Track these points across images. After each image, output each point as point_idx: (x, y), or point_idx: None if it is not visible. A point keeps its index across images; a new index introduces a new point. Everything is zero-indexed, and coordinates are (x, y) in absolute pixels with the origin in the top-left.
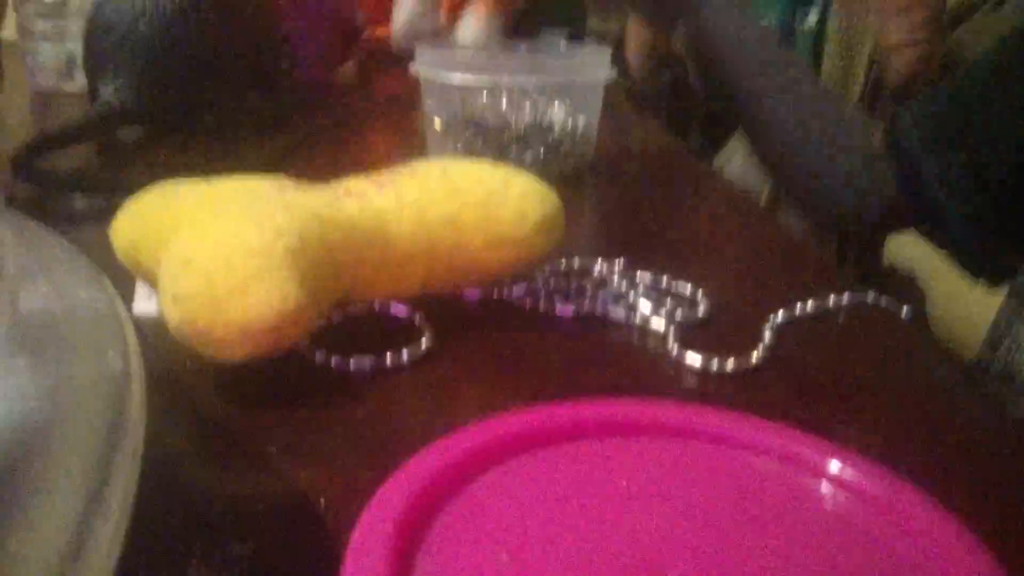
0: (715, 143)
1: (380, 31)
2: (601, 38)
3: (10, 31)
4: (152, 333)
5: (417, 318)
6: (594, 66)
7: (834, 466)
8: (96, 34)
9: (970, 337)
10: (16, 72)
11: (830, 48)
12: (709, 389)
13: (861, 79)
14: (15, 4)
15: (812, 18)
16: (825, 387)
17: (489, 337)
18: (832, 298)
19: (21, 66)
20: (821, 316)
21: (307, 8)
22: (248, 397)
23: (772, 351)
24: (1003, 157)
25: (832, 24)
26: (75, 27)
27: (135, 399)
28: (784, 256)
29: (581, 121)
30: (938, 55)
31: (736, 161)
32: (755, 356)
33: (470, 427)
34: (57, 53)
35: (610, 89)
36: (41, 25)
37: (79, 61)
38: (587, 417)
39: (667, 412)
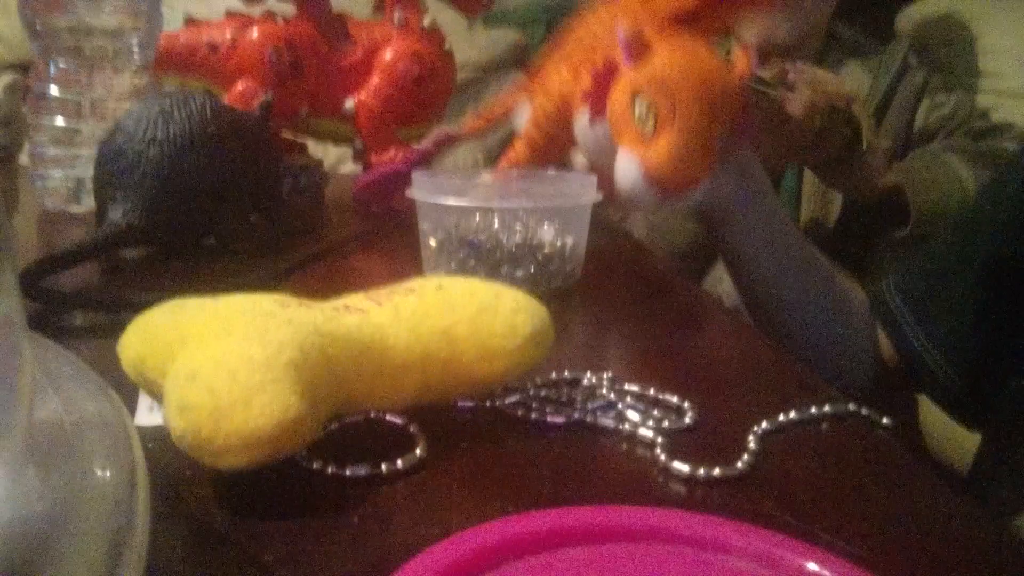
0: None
1: (377, 159)
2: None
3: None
4: (154, 444)
5: (412, 427)
6: (582, 190)
7: (814, 568)
8: (107, 159)
9: (966, 442)
10: (25, 195)
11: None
12: (696, 496)
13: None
14: (28, 132)
15: (789, 179)
16: (809, 494)
17: (482, 445)
18: (814, 408)
19: (31, 190)
20: (804, 425)
21: None
22: (246, 505)
23: (757, 459)
24: (976, 321)
25: (807, 183)
26: (85, 154)
27: (140, 508)
28: (768, 367)
29: (569, 241)
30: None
31: (727, 281)
32: (740, 463)
33: (461, 535)
34: (66, 178)
35: (598, 211)
36: (52, 152)
37: (87, 185)
38: (576, 523)
39: (654, 518)
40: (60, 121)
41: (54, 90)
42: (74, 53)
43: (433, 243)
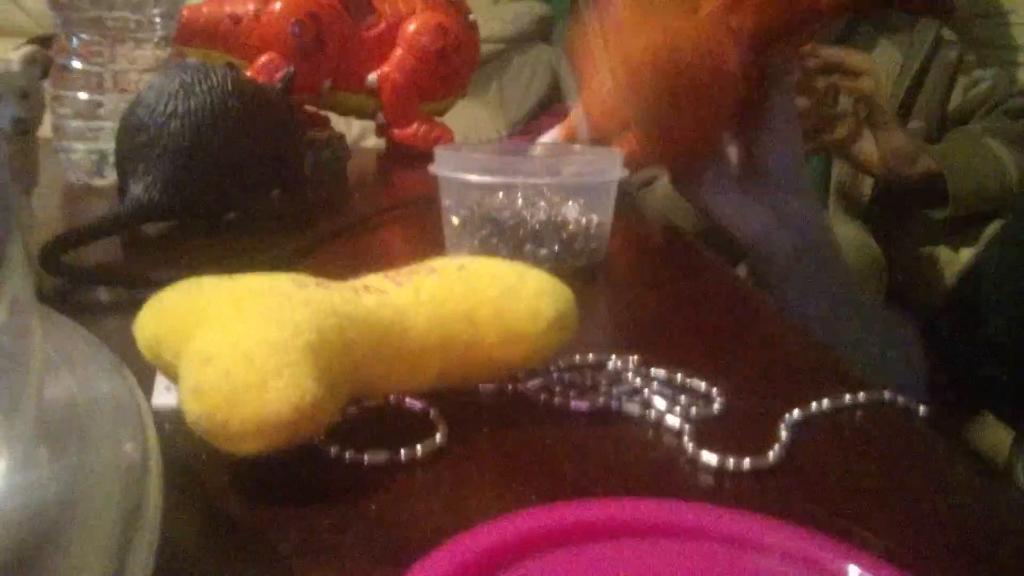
0: None
1: (400, 133)
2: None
3: (45, 129)
4: (170, 425)
5: (432, 412)
6: (607, 166)
7: (853, 572)
8: (128, 133)
9: (1004, 432)
10: (49, 168)
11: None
12: (725, 488)
13: (868, 192)
14: (51, 105)
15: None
16: (843, 487)
17: (503, 432)
18: (848, 396)
19: (54, 163)
20: (837, 414)
21: None
22: (262, 491)
23: (788, 450)
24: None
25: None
26: (107, 127)
27: (152, 491)
28: (799, 354)
29: (594, 219)
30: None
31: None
32: (771, 454)
33: (482, 527)
34: (89, 151)
35: (623, 188)
36: (75, 125)
37: (110, 158)
38: (601, 517)
39: (682, 512)
40: (83, 94)
41: (76, 63)
42: (96, 25)
43: (455, 220)
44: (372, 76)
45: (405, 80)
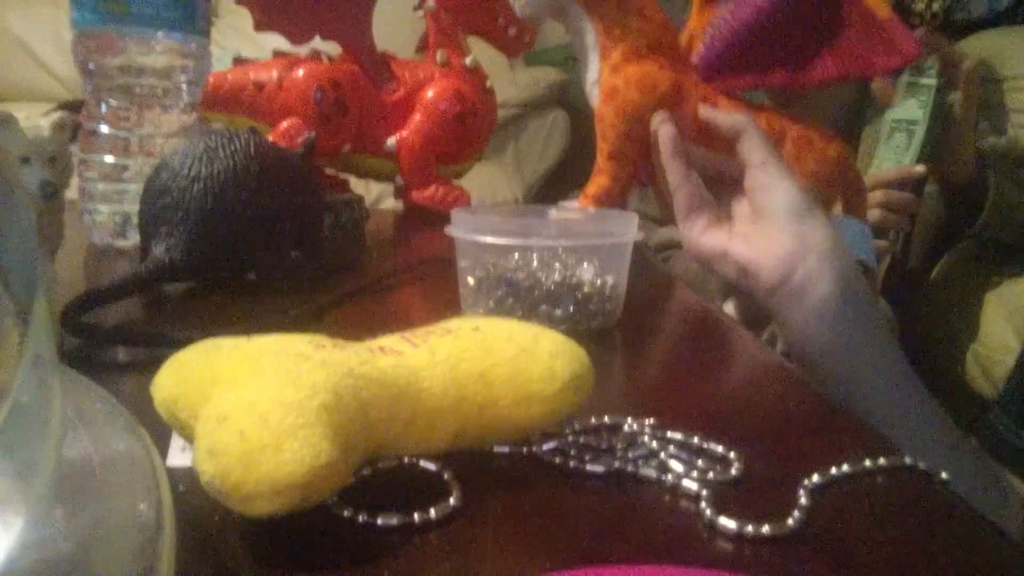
0: None
1: (418, 196)
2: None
3: (71, 190)
4: (184, 486)
5: (446, 474)
6: (622, 228)
7: None
8: (152, 196)
9: None
10: (74, 229)
11: None
12: (744, 554)
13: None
14: (78, 168)
15: None
16: (865, 554)
17: (518, 495)
18: (868, 460)
19: (79, 224)
20: (858, 479)
21: None
22: (275, 554)
23: (808, 515)
24: None
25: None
26: (132, 189)
27: (165, 551)
28: (818, 416)
29: (610, 280)
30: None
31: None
32: (791, 520)
33: None
34: (113, 213)
35: (639, 250)
36: (101, 187)
37: (134, 220)
38: None
39: None
40: (109, 158)
41: (104, 128)
42: (124, 92)
43: (471, 281)
44: (391, 140)
45: (423, 144)
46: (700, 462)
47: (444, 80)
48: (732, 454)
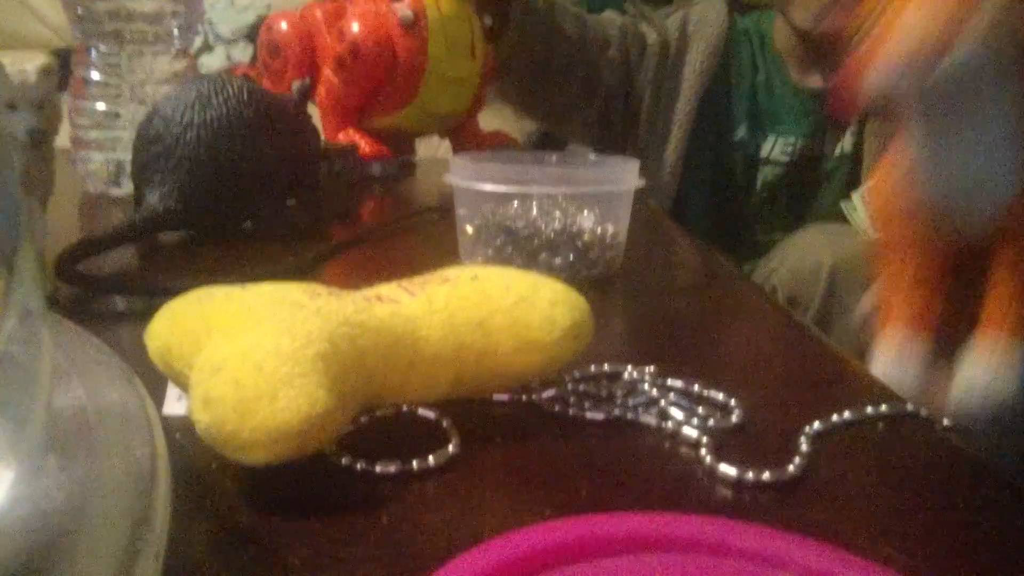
0: None
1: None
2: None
3: (62, 138)
4: (181, 435)
5: (444, 422)
6: (623, 175)
7: None
8: (144, 144)
9: None
10: (65, 177)
11: (867, 166)
12: (743, 501)
13: None
14: (69, 116)
15: (848, 141)
16: (865, 501)
17: (517, 443)
18: (869, 408)
19: (72, 173)
20: (859, 426)
21: None
22: (272, 502)
23: (809, 462)
24: None
25: (869, 145)
26: (125, 137)
27: (161, 501)
28: (819, 363)
29: (610, 228)
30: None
31: (783, 271)
32: (791, 467)
33: (494, 542)
34: (106, 162)
35: (640, 197)
36: (93, 135)
37: (127, 168)
38: (616, 532)
39: (701, 527)
40: (101, 105)
41: (95, 74)
42: (114, 38)
43: (470, 229)
44: None
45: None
46: (700, 409)
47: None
48: (733, 401)
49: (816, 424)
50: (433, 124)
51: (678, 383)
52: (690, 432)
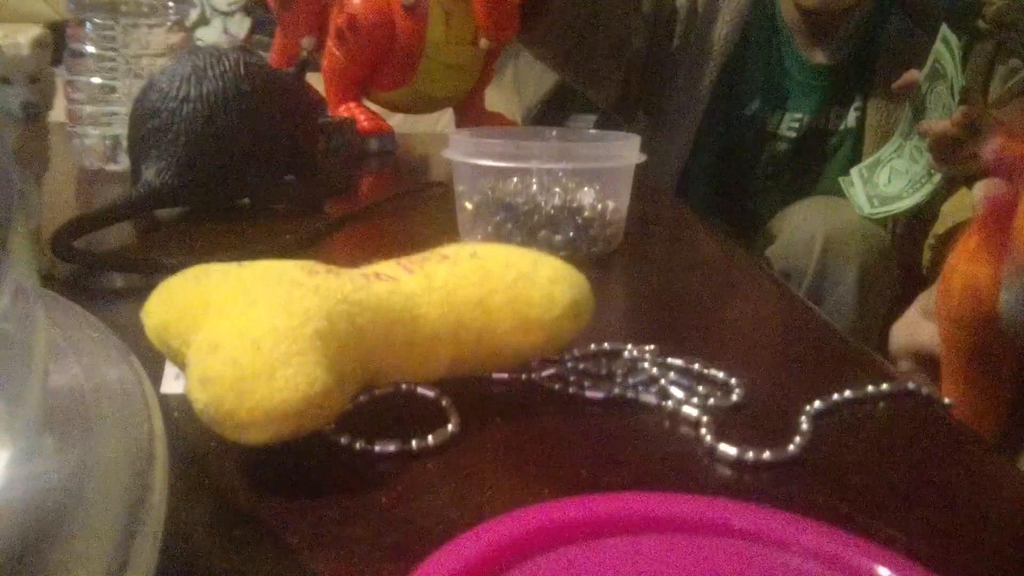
0: None
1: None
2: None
3: (57, 113)
4: (179, 414)
5: (444, 401)
6: (624, 151)
7: (880, 572)
8: (140, 118)
9: None
10: (62, 153)
11: (868, 141)
12: (744, 480)
13: None
14: (64, 90)
15: (851, 116)
16: (866, 481)
17: (516, 422)
18: (871, 386)
19: (68, 148)
20: (860, 404)
21: None
22: (271, 482)
23: (810, 441)
24: None
25: (871, 120)
26: (121, 111)
27: (158, 481)
28: (820, 342)
29: (611, 204)
30: None
31: (777, 244)
32: (792, 446)
33: (493, 522)
34: (103, 136)
35: (640, 173)
36: (89, 110)
37: (123, 144)
38: (616, 512)
39: (701, 507)
40: (96, 79)
41: (90, 48)
42: (109, 10)
43: (469, 206)
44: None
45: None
46: (701, 388)
47: None
48: (733, 380)
49: (817, 403)
50: (431, 106)
51: (678, 362)
52: (690, 411)
